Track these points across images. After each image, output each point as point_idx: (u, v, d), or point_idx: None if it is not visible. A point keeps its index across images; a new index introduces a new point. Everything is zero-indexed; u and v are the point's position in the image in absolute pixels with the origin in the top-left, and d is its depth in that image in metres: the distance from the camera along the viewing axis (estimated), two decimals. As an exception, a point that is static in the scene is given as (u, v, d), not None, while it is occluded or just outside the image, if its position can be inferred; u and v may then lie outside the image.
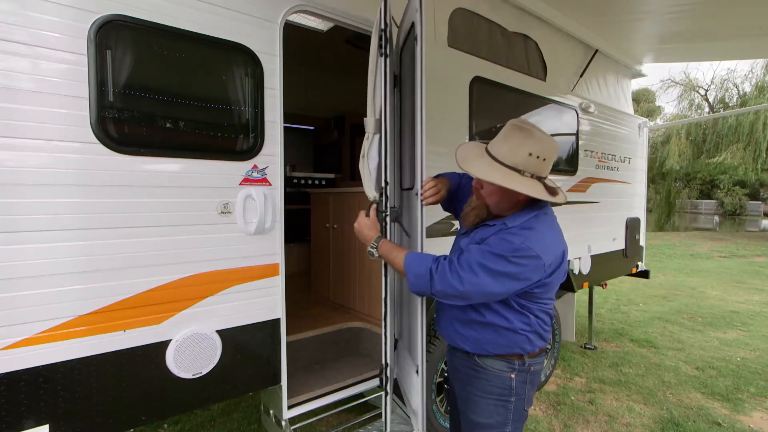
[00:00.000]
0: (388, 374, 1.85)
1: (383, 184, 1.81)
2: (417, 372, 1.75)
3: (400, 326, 2.44)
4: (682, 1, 3.26)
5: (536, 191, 1.36)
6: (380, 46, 1.76)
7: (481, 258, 1.34)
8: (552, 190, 1.42)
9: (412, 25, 1.86)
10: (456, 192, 1.78)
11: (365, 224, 1.68)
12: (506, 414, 1.51)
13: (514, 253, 1.31)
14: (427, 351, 2.57)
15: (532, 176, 1.38)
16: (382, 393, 2.24)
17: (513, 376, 1.49)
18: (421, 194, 1.66)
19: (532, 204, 1.46)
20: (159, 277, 1.65)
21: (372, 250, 1.63)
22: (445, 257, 1.45)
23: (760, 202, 33.07)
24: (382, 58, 1.77)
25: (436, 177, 1.75)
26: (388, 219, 1.76)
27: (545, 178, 1.43)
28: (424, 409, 1.77)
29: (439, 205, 1.79)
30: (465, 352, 1.56)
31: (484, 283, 1.33)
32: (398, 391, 2.53)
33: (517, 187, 1.34)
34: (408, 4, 1.96)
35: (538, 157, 1.36)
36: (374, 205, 1.77)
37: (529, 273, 1.34)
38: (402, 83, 2.33)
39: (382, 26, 1.74)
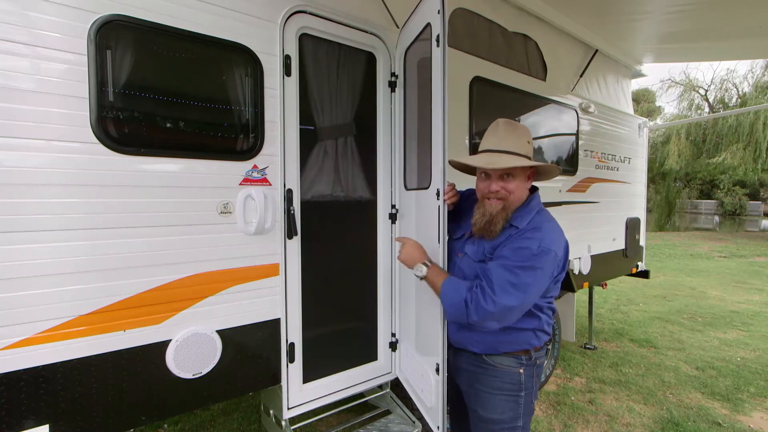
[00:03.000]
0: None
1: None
2: (438, 371, 1.75)
3: (399, 326, 2.44)
4: (682, 1, 3.26)
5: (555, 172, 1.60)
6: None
7: (510, 276, 1.35)
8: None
9: (427, 26, 1.84)
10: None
11: (415, 247, 1.66)
12: (517, 409, 1.53)
13: (536, 258, 1.36)
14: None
15: (532, 159, 1.52)
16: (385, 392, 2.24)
17: (521, 371, 1.52)
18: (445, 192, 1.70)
19: (530, 196, 1.55)
20: (159, 277, 1.65)
21: (419, 273, 1.59)
22: (477, 284, 1.42)
23: (760, 202, 33.07)
24: None
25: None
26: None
27: None
28: (444, 406, 1.77)
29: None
30: (472, 351, 1.57)
31: (521, 301, 1.36)
32: (399, 392, 2.54)
33: (550, 169, 1.54)
34: (420, 3, 1.94)
35: (529, 142, 1.52)
36: None
37: (551, 270, 1.40)
38: (406, 84, 2.32)
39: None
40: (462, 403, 1.69)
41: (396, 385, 2.52)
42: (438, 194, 1.69)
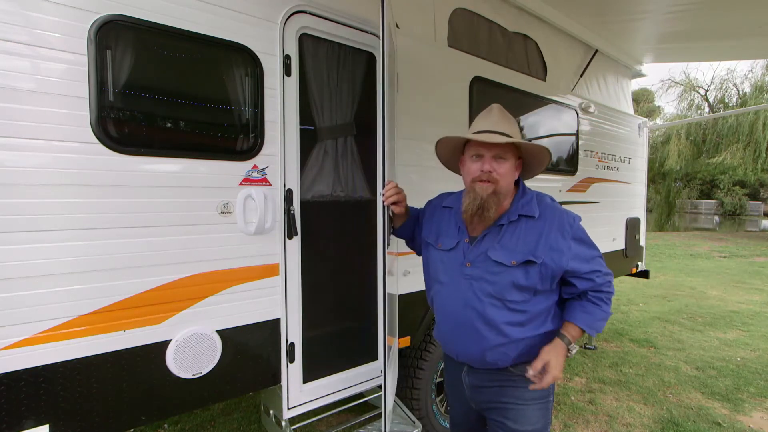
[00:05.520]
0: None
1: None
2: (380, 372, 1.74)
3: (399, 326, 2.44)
4: (682, 1, 3.26)
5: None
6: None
7: (595, 251, 1.48)
8: None
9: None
10: (420, 223, 1.71)
11: (558, 361, 1.37)
12: (548, 415, 1.50)
13: (577, 218, 1.47)
14: (428, 351, 2.58)
15: None
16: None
17: None
18: (383, 194, 1.63)
19: (520, 185, 1.54)
20: (159, 277, 1.65)
21: (574, 353, 1.46)
22: (593, 278, 1.43)
23: (760, 202, 33.04)
24: None
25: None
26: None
27: None
28: (385, 411, 1.78)
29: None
30: (496, 368, 1.46)
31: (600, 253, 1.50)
32: (400, 392, 2.54)
33: (541, 155, 1.49)
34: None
35: (521, 128, 1.47)
36: None
37: None
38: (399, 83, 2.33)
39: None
40: (479, 420, 1.61)
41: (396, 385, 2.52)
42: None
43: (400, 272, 2.43)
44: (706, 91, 20.29)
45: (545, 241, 1.39)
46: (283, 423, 2.09)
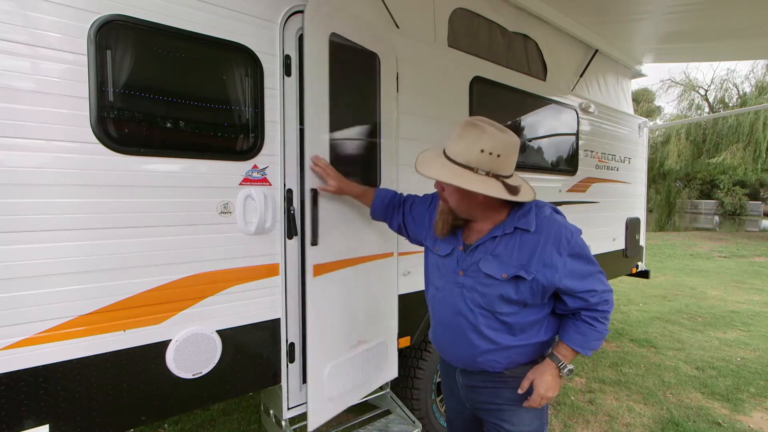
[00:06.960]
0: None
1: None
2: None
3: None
4: (682, 1, 3.26)
5: (490, 189, 1.27)
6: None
7: (593, 267, 1.41)
8: (513, 189, 1.31)
9: None
10: (413, 218, 1.74)
11: (552, 383, 1.39)
12: (543, 416, 1.50)
13: (576, 232, 1.40)
14: (428, 351, 2.58)
15: (487, 174, 1.29)
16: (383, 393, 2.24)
17: None
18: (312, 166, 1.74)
19: (511, 204, 1.39)
20: (159, 277, 1.65)
21: (569, 374, 1.42)
22: (590, 298, 1.38)
23: (760, 202, 33.07)
24: None
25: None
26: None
27: (508, 176, 1.33)
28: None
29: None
30: (490, 372, 1.47)
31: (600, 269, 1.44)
32: (399, 392, 2.54)
33: (465, 184, 1.27)
34: None
35: (491, 153, 1.27)
36: None
37: None
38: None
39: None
40: (474, 420, 1.63)
41: (396, 385, 2.52)
42: None
43: (401, 272, 2.43)
44: (706, 91, 20.31)
45: (539, 257, 1.33)
46: (283, 423, 2.09)
